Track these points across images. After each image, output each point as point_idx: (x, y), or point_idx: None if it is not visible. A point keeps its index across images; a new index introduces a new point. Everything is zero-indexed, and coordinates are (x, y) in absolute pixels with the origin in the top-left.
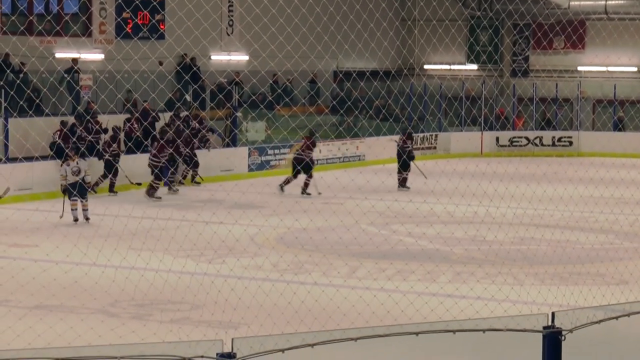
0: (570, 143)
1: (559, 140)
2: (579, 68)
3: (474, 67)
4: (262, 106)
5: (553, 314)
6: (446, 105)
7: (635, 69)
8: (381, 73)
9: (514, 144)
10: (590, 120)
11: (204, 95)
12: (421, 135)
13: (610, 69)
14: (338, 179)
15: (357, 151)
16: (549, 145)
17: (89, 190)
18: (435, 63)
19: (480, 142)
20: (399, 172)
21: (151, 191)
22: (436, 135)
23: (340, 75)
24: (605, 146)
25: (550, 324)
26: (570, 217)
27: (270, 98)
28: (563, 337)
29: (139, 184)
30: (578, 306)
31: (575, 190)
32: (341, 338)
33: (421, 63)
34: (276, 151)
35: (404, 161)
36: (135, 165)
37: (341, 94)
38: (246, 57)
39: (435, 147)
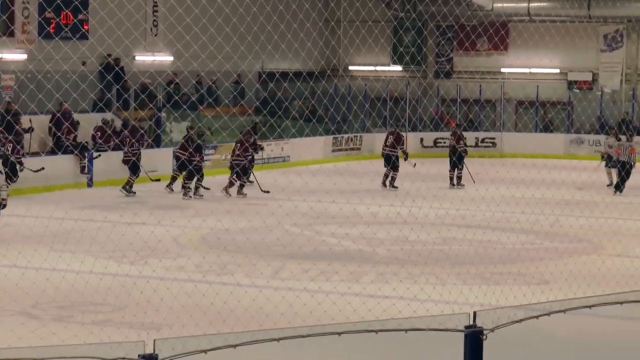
0: (494, 144)
1: (482, 141)
2: (502, 69)
3: (398, 68)
4: (185, 107)
5: (474, 313)
6: (370, 107)
7: (557, 70)
8: (304, 74)
9: (438, 145)
10: (512, 122)
11: (126, 96)
12: (345, 136)
13: (533, 70)
14: (262, 179)
15: (281, 152)
16: (472, 146)
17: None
18: (359, 64)
19: (405, 143)
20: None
21: (127, 187)
22: (361, 137)
23: (264, 76)
24: (527, 147)
25: (471, 323)
26: (492, 218)
27: (194, 99)
28: (484, 337)
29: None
30: (499, 306)
31: (497, 191)
32: (264, 339)
33: (345, 64)
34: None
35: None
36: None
37: (264, 95)
38: (170, 58)
39: (359, 148)
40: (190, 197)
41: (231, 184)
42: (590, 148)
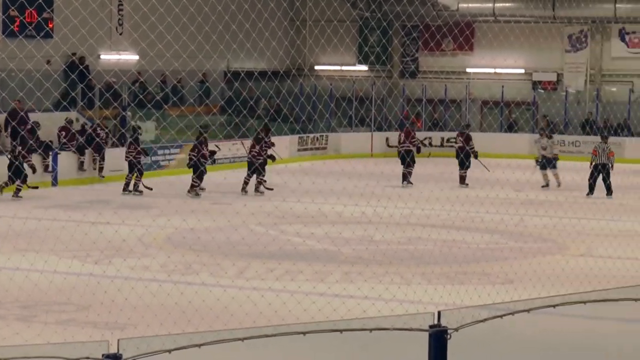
0: None
1: (447, 141)
2: (467, 70)
3: (364, 68)
4: (149, 105)
5: (439, 312)
6: (336, 106)
7: (522, 70)
8: (269, 73)
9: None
10: (477, 122)
11: (90, 95)
12: (311, 136)
13: (498, 70)
14: (226, 178)
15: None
16: (437, 146)
17: None
18: (325, 64)
19: (370, 142)
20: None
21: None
22: (326, 136)
23: (228, 75)
24: (492, 147)
25: (436, 323)
26: (457, 217)
27: (158, 98)
28: (449, 336)
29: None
30: (464, 305)
31: (462, 191)
32: (228, 338)
33: (310, 64)
34: (165, 151)
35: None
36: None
37: (229, 94)
38: (136, 57)
39: (325, 148)
40: (130, 191)
41: (246, 183)
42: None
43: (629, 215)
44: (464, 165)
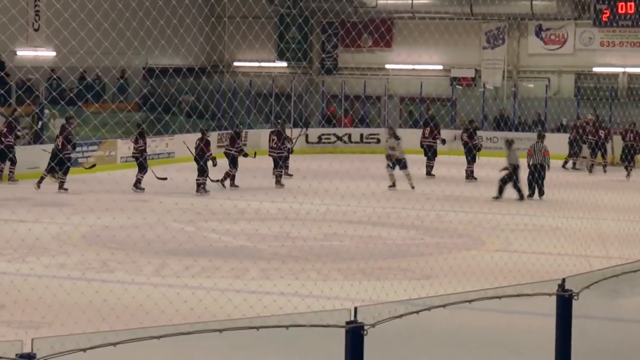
0: (378, 140)
1: (367, 137)
2: (386, 66)
3: (283, 64)
4: (62, 102)
5: (356, 309)
6: (255, 103)
7: (440, 67)
8: (184, 70)
9: (323, 141)
10: (398, 118)
11: (3, 92)
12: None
13: (416, 67)
14: (144, 176)
15: (166, 148)
16: (357, 142)
17: None
18: (244, 60)
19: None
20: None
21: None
22: (246, 133)
23: (143, 72)
24: (410, 143)
25: (352, 319)
26: (374, 213)
27: (72, 95)
28: (365, 332)
29: None
30: (381, 301)
31: (379, 187)
32: (144, 337)
33: (226, 60)
34: (83, 148)
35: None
36: None
37: (144, 91)
38: (53, 53)
39: (245, 145)
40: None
41: (279, 176)
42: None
43: (543, 211)
44: (474, 160)
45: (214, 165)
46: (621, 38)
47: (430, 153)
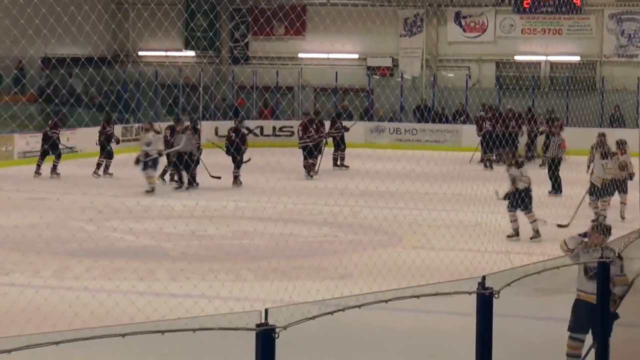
0: (292, 133)
1: (280, 129)
2: (299, 55)
3: (191, 53)
4: None
5: (266, 310)
6: (160, 95)
7: (356, 56)
8: (83, 59)
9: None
10: (312, 109)
11: None
12: (136, 126)
13: (331, 56)
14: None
15: (66, 142)
16: (269, 135)
17: None
18: (149, 49)
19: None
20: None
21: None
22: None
23: (39, 62)
24: None
25: (263, 321)
26: (286, 210)
27: None
28: (276, 335)
29: None
30: (293, 302)
31: (294, 182)
32: (41, 342)
33: (130, 49)
34: None
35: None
36: None
37: (39, 82)
38: None
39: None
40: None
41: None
42: (392, 136)
43: (462, 206)
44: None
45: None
46: (543, 25)
47: (340, 143)
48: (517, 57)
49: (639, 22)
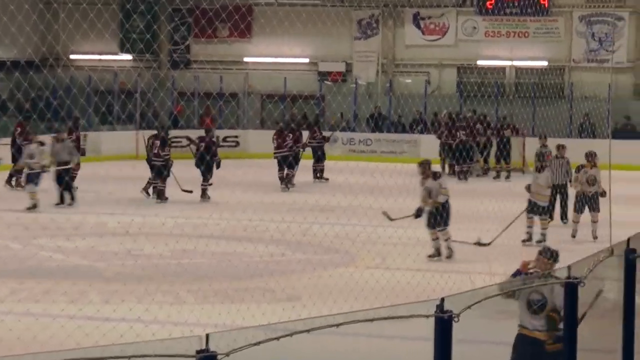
0: (237, 143)
1: (224, 140)
2: (245, 59)
3: (128, 57)
4: None
5: (207, 336)
6: (94, 101)
7: (306, 60)
8: (8, 63)
9: (174, 144)
10: (259, 118)
11: None
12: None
13: (279, 60)
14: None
15: None
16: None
17: None
18: (82, 53)
19: (136, 143)
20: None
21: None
22: (85, 135)
23: None
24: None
25: (204, 347)
26: (229, 227)
27: None
28: None
29: None
30: (237, 326)
31: (242, 196)
32: None
33: (60, 53)
34: None
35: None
36: None
37: None
38: None
39: (83, 148)
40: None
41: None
42: (344, 147)
43: (420, 222)
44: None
45: (218, 167)
46: (508, 28)
47: (320, 154)
48: (480, 62)
49: (611, 24)
